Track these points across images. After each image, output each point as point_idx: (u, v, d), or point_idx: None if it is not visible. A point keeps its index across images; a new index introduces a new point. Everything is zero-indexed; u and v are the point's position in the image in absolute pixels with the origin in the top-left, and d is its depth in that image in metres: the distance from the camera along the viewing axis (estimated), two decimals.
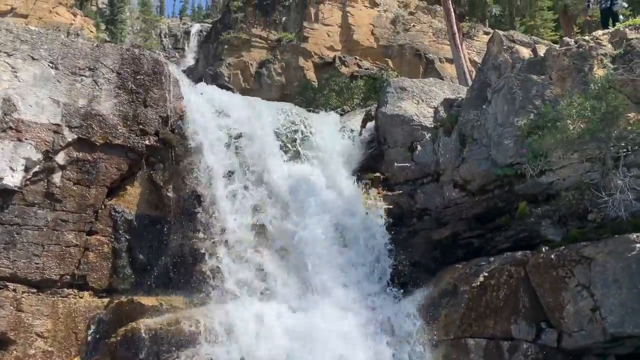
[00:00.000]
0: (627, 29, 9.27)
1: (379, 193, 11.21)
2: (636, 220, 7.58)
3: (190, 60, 40.30)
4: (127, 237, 9.62)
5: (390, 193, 11.11)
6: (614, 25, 10.56)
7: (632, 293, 6.99)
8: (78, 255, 9.29)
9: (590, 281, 7.35)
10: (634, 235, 7.25)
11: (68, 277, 9.19)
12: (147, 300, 8.85)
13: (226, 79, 23.19)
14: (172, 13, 68.12)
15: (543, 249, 8.17)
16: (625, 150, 7.83)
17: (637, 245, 7.14)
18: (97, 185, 9.62)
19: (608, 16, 11.58)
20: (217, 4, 56.64)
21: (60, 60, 9.81)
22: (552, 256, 7.80)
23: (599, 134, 7.88)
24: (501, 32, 11.03)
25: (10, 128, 9.01)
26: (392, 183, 11.39)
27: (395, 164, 11.38)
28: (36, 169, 9.13)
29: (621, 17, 12.70)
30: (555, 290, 7.62)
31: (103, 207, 9.67)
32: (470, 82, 15.78)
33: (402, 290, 9.61)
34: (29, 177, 9.07)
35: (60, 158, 9.40)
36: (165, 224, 9.84)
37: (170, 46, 47.69)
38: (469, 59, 21.04)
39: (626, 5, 26.52)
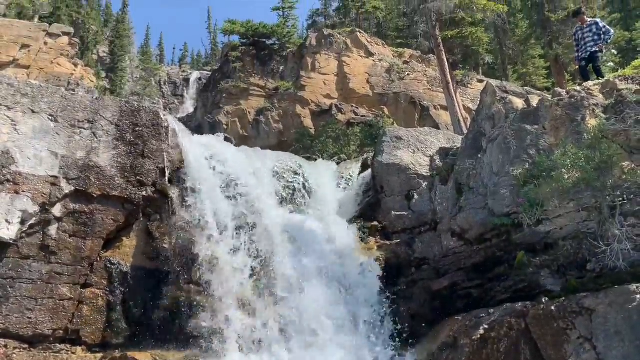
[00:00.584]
0: (617, 80, 9.44)
1: (376, 242, 11.16)
2: (635, 270, 7.50)
3: (189, 106, 40.88)
4: (122, 289, 9.47)
5: (388, 242, 11.05)
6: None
7: (635, 346, 6.84)
8: (72, 309, 9.12)
9: (592, 333, 7.20)
10: (634, 286, 7.14)
11: (61, 331, 8.99)
12: (141, 356, 8.65)
13: (224, 126, 23.46)
14: (172, 60, 69.52)
15: (543, 300, 8.04)
16: (621, 199, 7.81)
17: (638, 296, 7.02)
18: (93, 237, 9.55)
19: (586, 73, 11.80)
20: (217, 53, 57.94)
21: (60, 113, 9.91)
22: (553, 307, 7.66)
23: (594, 183, 7.87)
24: (494, 83, 11.24)
25: (8, 181, 9.01)
26: (390, 232, 11.36)
27: (393, 212, 11.40)
28: (32, 221, 9.08)
29: (611, 63, 12.88)
30: (557, 342, 7.45)
31: (98, 259, 9.57)
32: (464, 129, 16.00)
33: (401, 343, 9.43)
34: (24, 229, 9.01)
35: (57, 210, 9.37)
36: (161, 276, 9.71)
37: (169, 93, 48.44)
38: (463, 106, 21.42)
39: (616, 52, 27.12)
